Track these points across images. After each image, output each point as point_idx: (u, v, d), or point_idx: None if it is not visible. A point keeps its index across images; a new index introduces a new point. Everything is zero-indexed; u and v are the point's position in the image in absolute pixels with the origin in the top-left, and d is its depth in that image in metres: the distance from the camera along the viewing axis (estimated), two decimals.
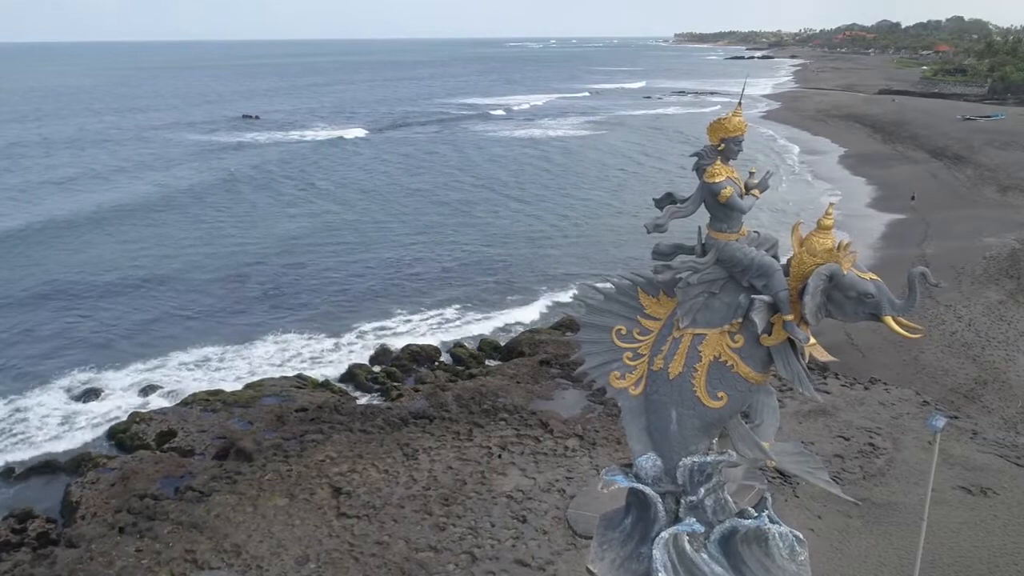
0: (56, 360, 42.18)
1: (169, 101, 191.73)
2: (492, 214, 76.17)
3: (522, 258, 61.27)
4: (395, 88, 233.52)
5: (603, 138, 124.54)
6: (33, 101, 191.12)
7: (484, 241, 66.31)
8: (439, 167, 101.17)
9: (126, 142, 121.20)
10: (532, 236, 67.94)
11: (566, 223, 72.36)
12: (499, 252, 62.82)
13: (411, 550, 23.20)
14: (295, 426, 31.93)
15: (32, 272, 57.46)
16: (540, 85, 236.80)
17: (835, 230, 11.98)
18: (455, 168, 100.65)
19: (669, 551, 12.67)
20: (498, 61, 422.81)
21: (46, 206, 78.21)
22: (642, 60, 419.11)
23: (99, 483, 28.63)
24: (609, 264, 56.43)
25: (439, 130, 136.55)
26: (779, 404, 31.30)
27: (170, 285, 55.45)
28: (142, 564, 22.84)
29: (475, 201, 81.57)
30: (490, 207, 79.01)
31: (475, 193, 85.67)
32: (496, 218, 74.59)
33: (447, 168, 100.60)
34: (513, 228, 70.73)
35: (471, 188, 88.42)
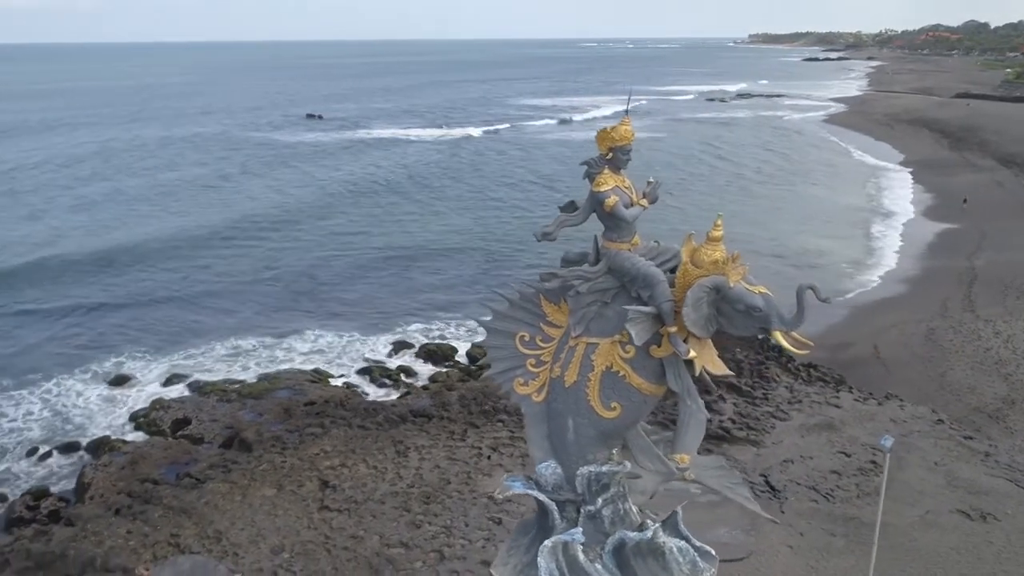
0: (93, 346, 44.34)
1: (251, 101, 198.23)
2: (547, 216, 76.01)
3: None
4: (463, 89, 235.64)
5: (664, 141, 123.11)
6: (120, 100, 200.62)
7: (540, 245, 65.98)
8: (500, 169, 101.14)
9: (222, 141, 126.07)
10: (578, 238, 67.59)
11: None
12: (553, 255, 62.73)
13: (383, 545, 23.64)
14: (300, 419, 32.84)
15: (80, 260, 60.32)
16: (607, 87, 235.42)
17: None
18: (515, 168, 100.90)
19: (558, 559, 12.68)
20: (569, 62, 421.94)
21: (116, 199, 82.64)
22: (713, 61, 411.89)
23: (110, 466, 30.09)
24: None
25: (502, 131, 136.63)
26: (784, 417, 30.71)
27: (213, 277, 57.62)
28: (128, 545, 23.93)
29: (533, 202, 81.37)
30: (544, 209, 78.41)
31: (533, 194, 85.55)
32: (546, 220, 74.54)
33: (509, 169, 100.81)
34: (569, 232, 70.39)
35: (528, 189, 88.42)
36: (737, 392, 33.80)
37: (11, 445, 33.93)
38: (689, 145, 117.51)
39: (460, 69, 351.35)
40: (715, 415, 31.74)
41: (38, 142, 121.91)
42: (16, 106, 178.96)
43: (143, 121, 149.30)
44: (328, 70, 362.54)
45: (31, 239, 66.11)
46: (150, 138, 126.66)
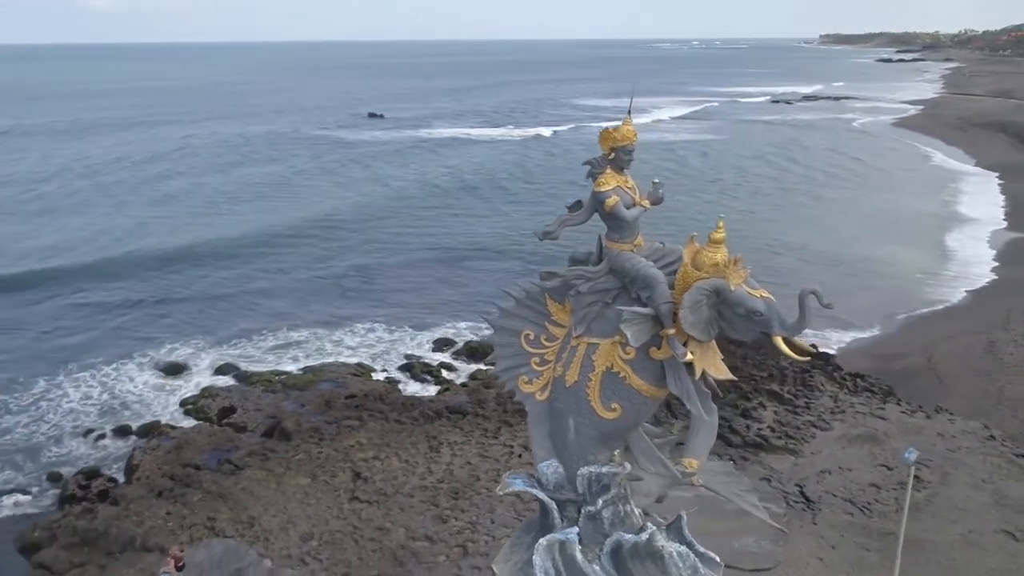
0: (152, 336, 46.11)
1: (316, 100, 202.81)
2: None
3: None
4: (526, 89, 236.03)
5: (727, 143, 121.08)
6: (196, 99, 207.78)
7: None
8: (568, 169, 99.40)
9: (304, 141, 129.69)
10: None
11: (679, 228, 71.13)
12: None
13: (408, 538, 23.99)
14: (339, 411, 33.53)
15: (151, 255, 62.65)
16: (671, 87, 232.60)
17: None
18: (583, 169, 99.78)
19: (554, 558, 12.70)
20: (632, 63, 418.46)
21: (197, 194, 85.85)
22: (781, 63, 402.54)
23: (158, 450, 31.28)
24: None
25: (568, 131, 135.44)
26: (825, 427, 30.04)
27: (274, 272, 59.35)
28: (167, 526, 24.87)
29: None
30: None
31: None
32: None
33: (580, 169, 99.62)
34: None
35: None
36: (778, 400, 33.07)
37: (69, 426, 35.63)
38: (753, 147, 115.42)
39: (521, 69, 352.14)
40: (753, 423, 31.17)
41: (120, 139, 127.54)
42: (99, 104, 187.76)
43: (219, 119, 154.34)
44: (391, 70, 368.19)
45: (109, 234, 68.91)
46: (228, 135, 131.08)
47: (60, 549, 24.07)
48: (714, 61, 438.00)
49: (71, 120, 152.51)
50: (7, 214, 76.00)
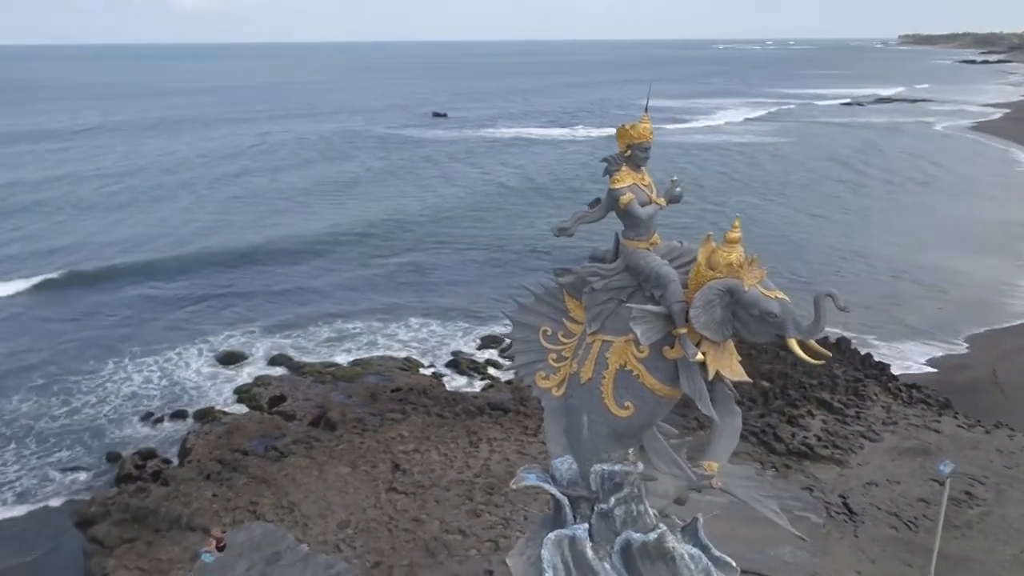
0: (213, 326, 47.80)
1: (383, 100, 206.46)
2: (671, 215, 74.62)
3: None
4: (591, 91, 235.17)
5: (792, 146, 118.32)
6: (273, 97, 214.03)
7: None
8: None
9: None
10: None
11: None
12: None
13: (442, 530, 24.29)
14: (384, 404, 34.11)
15: (220, 250, 64.50)
16: (742, 89, 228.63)
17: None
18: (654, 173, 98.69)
19: (563, 553, 12.74)
20: (701, 64, 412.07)
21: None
22: (857, 64, 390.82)
23: (210, 434, 32.41)
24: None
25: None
26: (875, 438, 29.27)
27: (336, 268, 60.73)
28: (212, 508, 25.78)
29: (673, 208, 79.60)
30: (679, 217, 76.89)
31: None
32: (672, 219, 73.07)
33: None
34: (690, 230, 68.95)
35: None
36: (827, 409, 32.24)
37: (130, 409, 37.24)
38: (826, 151, 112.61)
39: (586, 70, 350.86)
40: (800, 430, 30.48)
41: (201, 135, 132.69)
42: (183, 101, 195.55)
43: (294, 118, 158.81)
44: (456, 70, 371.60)
45: (185, 229, 71.37)
46: (303, 132, 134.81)
47: (112, 525, 25.18)
48: (787, 62, 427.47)
49: (156, 117, 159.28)
50: (91, 208, 79.50)
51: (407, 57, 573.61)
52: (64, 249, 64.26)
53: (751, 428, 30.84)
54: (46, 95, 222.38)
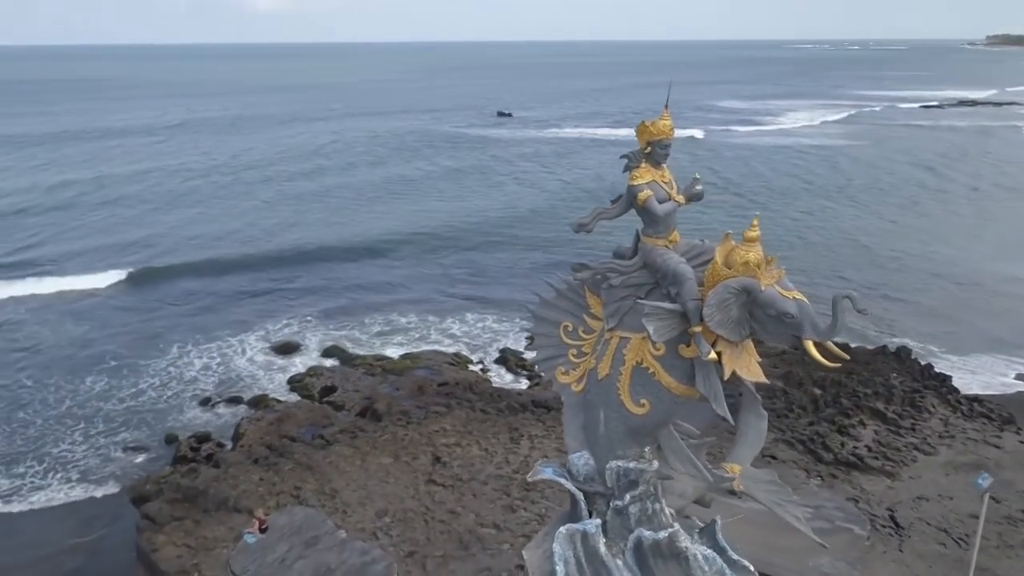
0: (273, 318, 49.28)
1: (455, 99, 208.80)
2: (736, 216, 73.49)
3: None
4: (661, 92, 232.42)
5: (864, 149, 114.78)
6: (350, 96, 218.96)
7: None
8: (717, 174, 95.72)
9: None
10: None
11: (805, 230, 68.50)
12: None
13: (477, 524, 24.53)
14: (430, 397, 34.57)
15: (289, 248, 65.86)
16: (820, 91, 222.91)
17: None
18: (731, 174, 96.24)
19: (575, 548, 12.78)
20: (778, 65, 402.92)
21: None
22: (941, 65, 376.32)
23: (262, 421, 33.43)
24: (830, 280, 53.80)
25: (702, 136, 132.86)
26: (930, 451, 28.35)
27: (397, 260, 62.21)
28: (258, 491, 26.63)
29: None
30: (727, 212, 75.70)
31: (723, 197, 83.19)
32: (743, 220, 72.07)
33: (728, 175, 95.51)
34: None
35: (753, 195, 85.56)
36: (881, 419, 31.23)
37: (190, 393, 38.74)
38: (901, 154, 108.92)
39: (655, 71, 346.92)
40: (850, 440, 29.64)
41: (280, 132, 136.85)
42: (262, 100, 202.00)
43: (367, 116, 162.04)
44: (525, 70, 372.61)
45: (257, 226, 73.03)
46: (378, 130, 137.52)
47: (164, 503, 26.27)
48: (868, 63, 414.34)
49: (235, 115, 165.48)
50: (171, 204, 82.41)
51: (478, 57, 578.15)
52: (144, 242, 66.97)
53: (799, 436, 30.18)
54: (137, 93, 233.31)
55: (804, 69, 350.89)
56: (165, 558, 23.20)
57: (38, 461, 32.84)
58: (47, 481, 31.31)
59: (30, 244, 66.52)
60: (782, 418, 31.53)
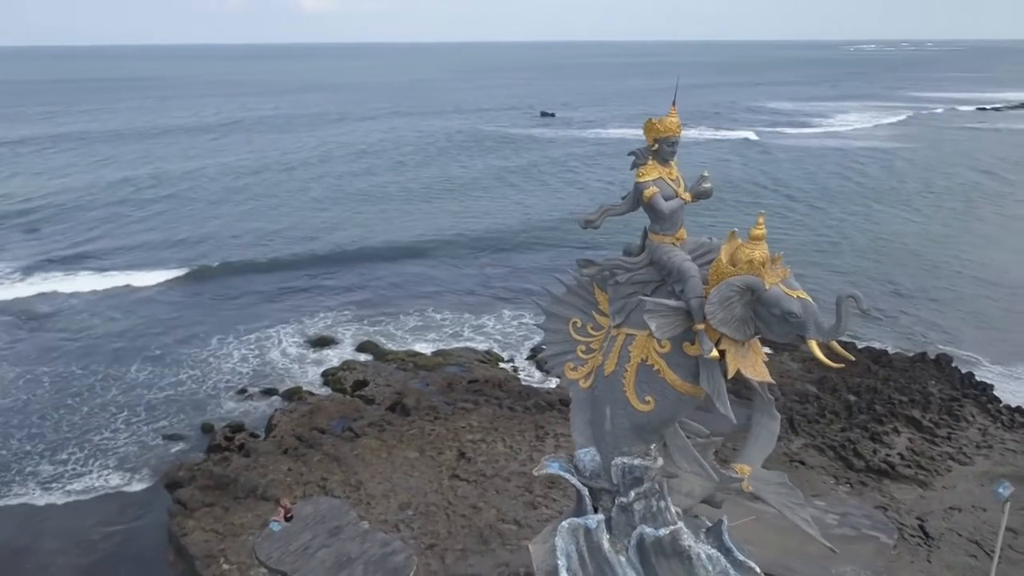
0: (311, 312, 50.13)
1: (500, 99, 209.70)
2: (789, 220, 73.01)
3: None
4: (708, 93, 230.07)
5: (917, 152, 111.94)
6: (399, 95, 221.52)
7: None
8: (761, 178, 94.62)
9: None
10: (810, 246, 63.76)
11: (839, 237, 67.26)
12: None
13: (498, 519, 24.68)
14: (459, 394, 34.83)
15: (332, 248, 66.33)
16: (873, 92, 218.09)
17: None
18: (782, 176, 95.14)
19: (578, 543, 12.84)
20: (833, 66, 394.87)
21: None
22: (1000, 66, 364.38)
23: (295, 412, 34.07)
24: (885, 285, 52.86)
25: (756, 138, 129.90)
26: (965, 461, 27.73)
27: (436, 259, 62.63)
28: (286, 480, 27.18)
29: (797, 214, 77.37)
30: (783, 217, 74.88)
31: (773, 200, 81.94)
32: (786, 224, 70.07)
33: (780, 178, 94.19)
34: (803, 236, 66.90)
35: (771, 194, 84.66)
36: (916, 427, 30.52)
37: (226, 385, 39.66)
38: (959, 158, 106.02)
39: (706, 72, 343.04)
40: (882, 448, 29.03)
41: (333, 131, 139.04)
42: (313, 99, 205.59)
43: (412, 116, 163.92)
44: (569, 70, 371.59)
45: (306, 225, 73.66)
46: (423, 130, 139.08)
47: (196, 489, 26.98)
48: (924, 64, 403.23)
49: (289, 114, 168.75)
50: (221, 202, 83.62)
51: (523, 57, 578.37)
52: (195, 239, 68.59)
53: (829, 442, 29.67)
54: (194, 92, 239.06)
55: (859, 71, 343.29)
56: (194, 542, 23.83)
57: (79, 448, 33.92)
58: (87, 468, 32.32)
59: (87, 238, 68.76)
60: (813, 423, 31.03)
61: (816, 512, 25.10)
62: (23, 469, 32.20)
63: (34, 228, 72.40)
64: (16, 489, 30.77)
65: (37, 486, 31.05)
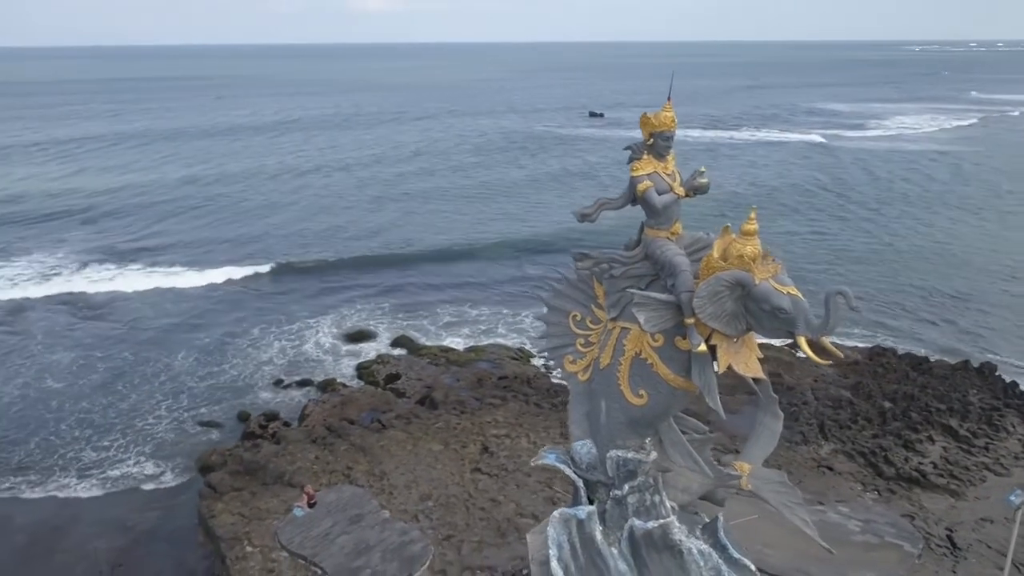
0: (352, 307, 51.07)
1: (552, 100, 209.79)
2: (848, 223, 71.55)
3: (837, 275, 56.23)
4: (772, 95, 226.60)
5: (1002, 157, 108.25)
6: (460, 95, 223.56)
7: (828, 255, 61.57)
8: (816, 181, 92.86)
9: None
10: (866, 254, 62.43)
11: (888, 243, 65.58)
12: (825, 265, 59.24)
13: (516, 513, 24.87)
14: (488, 389, 35.13)
15: (382, 250, 66.56)
16: (936, 94, 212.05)
17: None
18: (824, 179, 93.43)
19: (570, 533, 12.97)
20: (901, 67, 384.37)
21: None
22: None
23: (327, 403, 34.85)
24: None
25: (821, 141, 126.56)
26: (1002, 472, 26.99)
27: (482, 257, 63.17)
28: (312, 468, 27.82)
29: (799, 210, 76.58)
30: (830, 219, 72.37)
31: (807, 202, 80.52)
32: (840, 228, 68.95)
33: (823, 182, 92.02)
34: (851, 244, 64.97)
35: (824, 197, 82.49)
36: (952, 436, 29.69)
37: (264, 374, 40.69)
38: (1019, 162, 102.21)
39: (762, 72, 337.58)
40: (915, 456, 28.33)
41: (387, 131, 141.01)
42: (371, 99, 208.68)
43: (470, 116, 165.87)
44: (625, 70, 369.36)
45: (354, 228, 73.63)
46: (483, 129, 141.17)
47: (226, 474, 27.83)
48: (995, 66, 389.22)
49: (348, 113, 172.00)
50: (277, 201, 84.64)
51: (578, 57, 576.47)
52: (248, 236, 69.94)
53: (860, 448, 29.08)
54: (255, 92, 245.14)
55: (925, 72, 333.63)
56: (220, 524, 24.59)
57: (123, 435, 35.06)
58: (128, 454, 33.37)
59: (145, 234, 70.95)
60: (844, 429, 30.42)
61: (838, 518, 24.69)
62: (65, 454, 33.44)
63: (95, 222, 75.16)
64: (58, 474, 31.96)
65: (79, 471, 32.24)
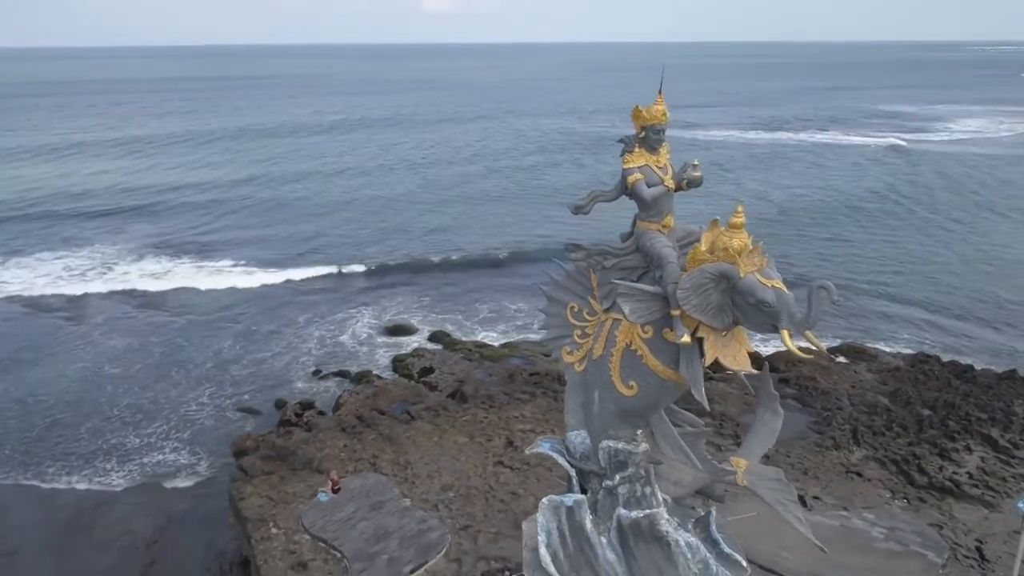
0: (393, 303, 51.90)
1: (591, 101, 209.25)
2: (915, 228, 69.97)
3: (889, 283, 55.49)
4: (830, 96, 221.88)
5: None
6: (508, 95, 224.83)
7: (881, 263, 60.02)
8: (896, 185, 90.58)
9: None
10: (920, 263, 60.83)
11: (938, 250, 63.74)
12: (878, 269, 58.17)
13: (534, 507, 24.77)
14: (518, 385, 35.33)
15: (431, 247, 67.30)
16: (1004, 96, 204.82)
17: None
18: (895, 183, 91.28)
19: (560, 520, 13.14)
20: (965, 68, 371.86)
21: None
22: None
23: (361, 394, 35.54)
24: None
25: (904, 145, 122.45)
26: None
27: (530, 256, 63.15)
28: (340, 456, 28.45)
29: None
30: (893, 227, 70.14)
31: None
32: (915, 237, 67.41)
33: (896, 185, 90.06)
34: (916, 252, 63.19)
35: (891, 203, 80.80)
36: (991, 446, 28.76)
37: (303, 364, 41.80)
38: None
39: (821, 74, 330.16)
40: (950, 465, 27.54)
41: (448, 131, 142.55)
42: (432, 98, 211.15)
43: (529, 116, 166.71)
44: (681, 71, 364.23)
45: (408, 229, 73.60)
46: (547, 129, 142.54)
47: (258, 458, 28.65)
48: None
49: (409, 112, 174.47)
50: (333, 202, 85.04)
51: (636, 57, 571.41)
52: (301, 234, 70.85)
53: (892, 455, 28.40)
54: (324, 90, 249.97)
55: (992, 73, 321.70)
56: (249, 506, 25.36)
57: (166, 420, 36.40)
58: (168, 440, 34.65)
59: (205, 229, 72.89)
60: (878, 436, 29.74)
61: (863, 524, 24.19)
62: (110, 440, 34.78)
63: (158, 216, 77.73)
64: (102, 458, 33.28)
65: (123, 454, 33.58)
